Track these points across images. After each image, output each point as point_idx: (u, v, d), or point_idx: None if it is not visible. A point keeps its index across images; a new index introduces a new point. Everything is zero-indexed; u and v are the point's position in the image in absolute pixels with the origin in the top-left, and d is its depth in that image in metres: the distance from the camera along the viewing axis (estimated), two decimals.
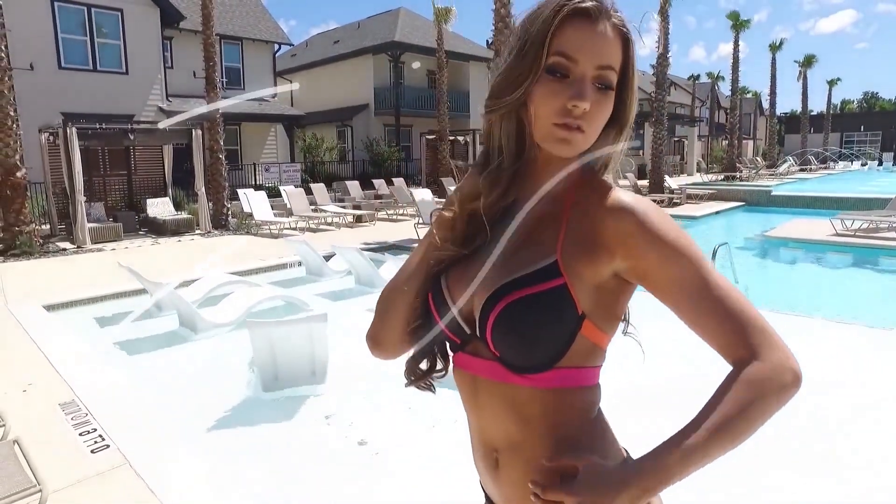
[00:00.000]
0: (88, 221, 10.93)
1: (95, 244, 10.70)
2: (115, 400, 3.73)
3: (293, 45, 26.55)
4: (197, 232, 12.38)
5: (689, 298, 0.78)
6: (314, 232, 12.39)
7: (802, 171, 32.42)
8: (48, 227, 12.03)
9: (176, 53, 19.25)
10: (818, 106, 48.41)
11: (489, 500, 0.98)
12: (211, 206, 12.90)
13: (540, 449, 0.85)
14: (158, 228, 12.29)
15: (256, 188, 15.35)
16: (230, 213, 13.46)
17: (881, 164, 41.51)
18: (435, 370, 1.00)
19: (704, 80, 43.89)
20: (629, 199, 0.82)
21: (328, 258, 7.90)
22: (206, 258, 9.16)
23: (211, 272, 6.74)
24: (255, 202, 12.82)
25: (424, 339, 0.95)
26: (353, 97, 25.88)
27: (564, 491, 0.74)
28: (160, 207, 12.98)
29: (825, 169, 35.13)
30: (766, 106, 38.78)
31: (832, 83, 43.41)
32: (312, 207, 14.37)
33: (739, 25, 27.50)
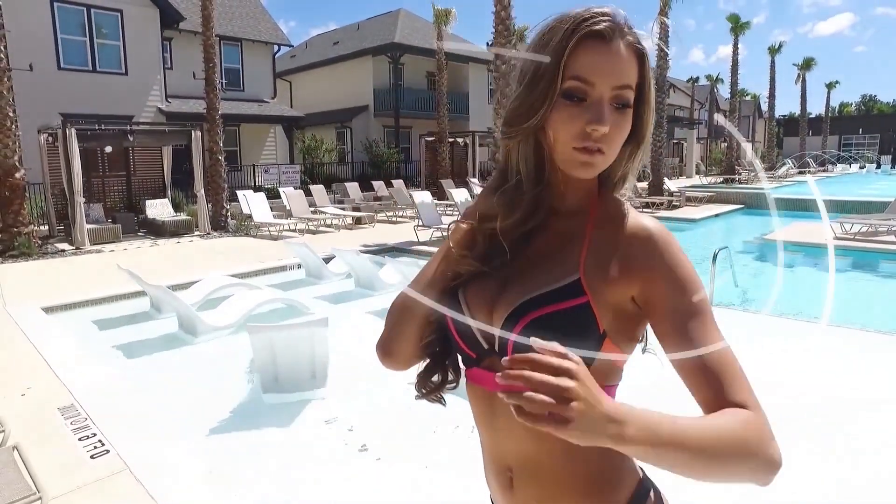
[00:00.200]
0: (87, 222, 10.92)
1: (94, 245, 10.68)
2: (114, 404, 3.72)
3: (293, 46, 26.57)
4: (196, 233, 12.37)
5: (689, 342, 0.76)
6: (313, 234, 12.38)
7: (801, 173, 32.47)
8: (47, 228, 12.03)
9: (175, 54, 19.24)
10: (816, 109, 48.44)
11: None
12: (210, 207, 12.89)
13: (555, 468, 0.84)
14: (157, 230, 12.27)
15: (255, 190, 15.36)
16: (229, 214, 13.45)
17: (879, 166, 41.66)
18: (447, 383, 0.98)
19: (703, 82, 43.98)
20: (653, 225, 0.83)
21: (328, 260, 7.90)
22: (206, 259, 9.13)
23: (210, 274, 6.73)
24: (254, 204, 12.82)
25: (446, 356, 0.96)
26: (352, 98, 25.88)
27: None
28: (159, 209, 12.96)
29: (824, 172, 35.19)
30: (764, 108, 38.85)
31: (830, 86, 43.52)
32: (312, 209, 14.35)
33: (739, 28, 27.47)
